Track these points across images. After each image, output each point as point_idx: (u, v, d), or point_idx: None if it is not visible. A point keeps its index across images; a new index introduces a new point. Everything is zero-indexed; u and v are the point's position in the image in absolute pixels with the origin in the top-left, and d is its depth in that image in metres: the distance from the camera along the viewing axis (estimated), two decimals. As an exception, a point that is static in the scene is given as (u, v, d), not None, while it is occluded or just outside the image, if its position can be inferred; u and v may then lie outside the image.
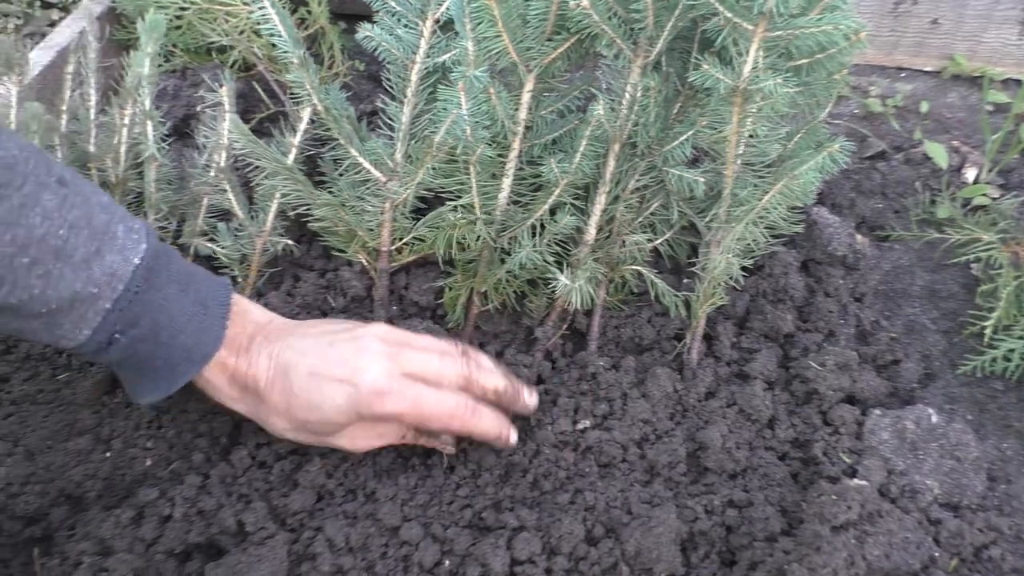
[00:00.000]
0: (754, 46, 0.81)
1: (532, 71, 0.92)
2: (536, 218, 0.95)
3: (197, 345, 0.79)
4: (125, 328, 0.74)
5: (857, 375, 0.98)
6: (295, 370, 0.81)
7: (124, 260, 0.73)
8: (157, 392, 0.80)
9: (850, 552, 0.78)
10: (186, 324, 0.77)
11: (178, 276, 0.78)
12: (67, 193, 0.71)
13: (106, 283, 0.72)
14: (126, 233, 0.74)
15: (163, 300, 0.76)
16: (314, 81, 0.93)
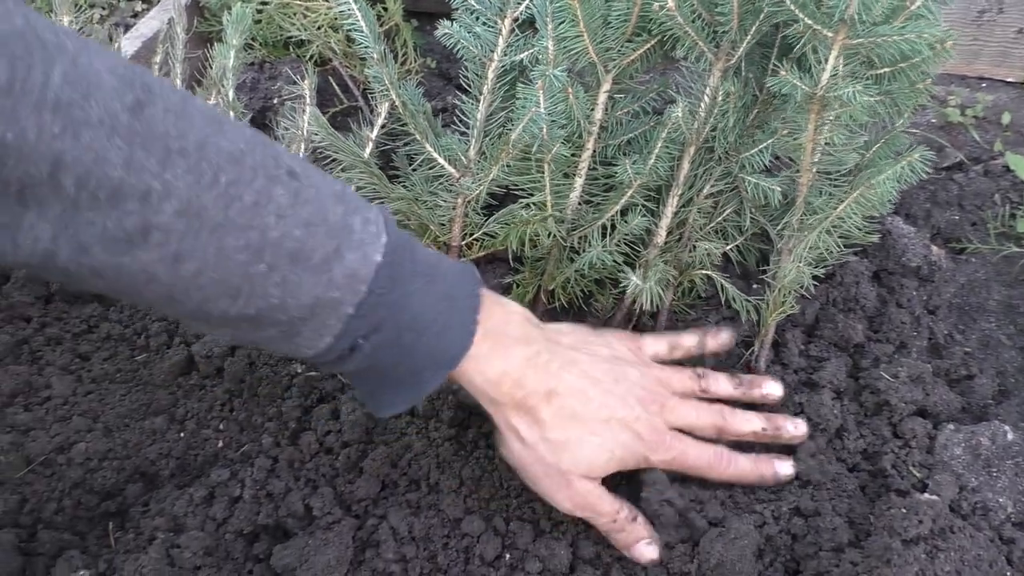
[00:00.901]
0: (833, 53, 0.80)
1: (610, 72, 0.92)
2: (607, 218, 0.95)
3: (445, 347, 0.71)
4: (369, 333, 0.66)
5: (930, 388, 0.96)
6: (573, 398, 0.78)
7: (364, 258, 0.64)
8: (400, 404, 0.73)
9: (921, 567, 0.76)
10: (431, 323, 0.69)
11: (423, 267, 0.70)
12: (299, 187, 0.62)
13: (347, 285, 0.64)
14: (363, 226, 0.65)
15: (407, 298, 0.67)
16: (393, 76, 0.95)
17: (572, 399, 0.78)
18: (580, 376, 0.79)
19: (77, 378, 0.98)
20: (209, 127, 0.58)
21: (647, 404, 0.82)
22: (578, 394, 0.78)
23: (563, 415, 0.77)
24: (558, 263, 0.99)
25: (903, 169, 0.88)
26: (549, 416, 0.77)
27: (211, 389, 0.97)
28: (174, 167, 0.55)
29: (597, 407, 0.78)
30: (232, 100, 1.05)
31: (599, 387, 0.80)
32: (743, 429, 0.88)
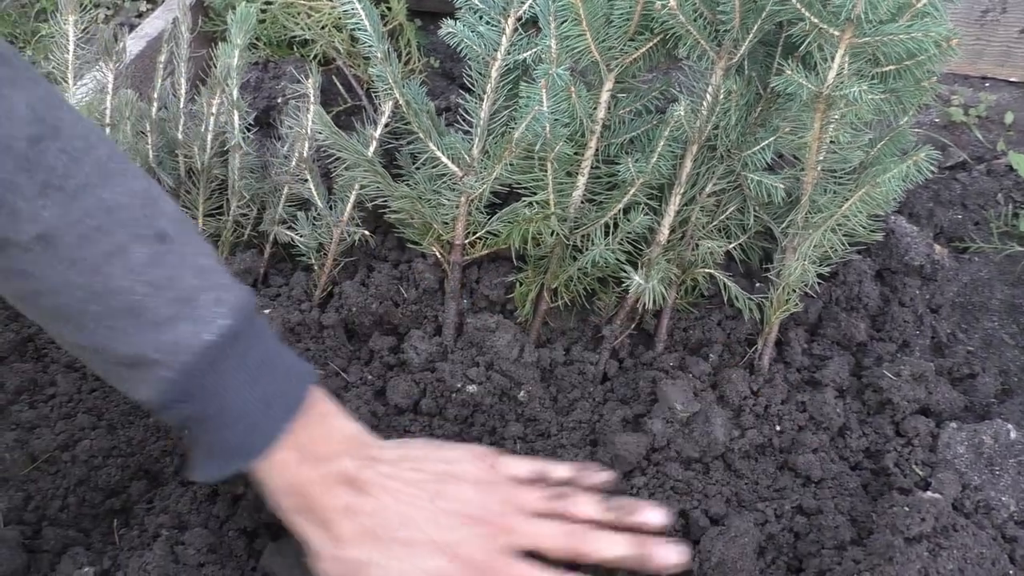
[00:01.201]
0: (840, 52, 0.81)
1: (613, 71, 0.92)
2: (610, 216, 0.95)
3: (244, 442, 0.70)
4: (181, 400, 0.67)
5: (932, 387, 0.96)
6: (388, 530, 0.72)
7: (194, 333, 0.66)
8: (204, 474, 0.71)
9: (924, 564, 0.77)
10: (239, 418, 0.69)
11: (252, 364, 0.70)
12: (164, 251, 0.66)
13: (171, 352, 0.65)
14: (212, 304, 0.67)
15: (222, 388, 0.68)
16: (396, 76, 0.95)
17: (374, 518, 0.72)
18: (390, 494, 0.73)
19: (82, 375, 0.98)
20: (97, 176, 0.64)
21: (477, 525, 0.73)
22: (382, 512, 0.72)
23: (362, 534, 0.71)
24: (561, 261, 0.99)
25: (909, 168, 0.88)
26: (346, 532, 0.71)
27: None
28: (46, 198, 0.61)
29: (399, 527, 0.72)
30: (236, 99, 1.05)
31: (410, 507, 0.73)
32: (603, 554, 0.75)
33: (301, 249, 1.06)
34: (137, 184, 0.67)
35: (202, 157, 1.08)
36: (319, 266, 1.06)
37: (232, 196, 1.08)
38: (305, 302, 1.04)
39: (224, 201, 1.10)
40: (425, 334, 1.01)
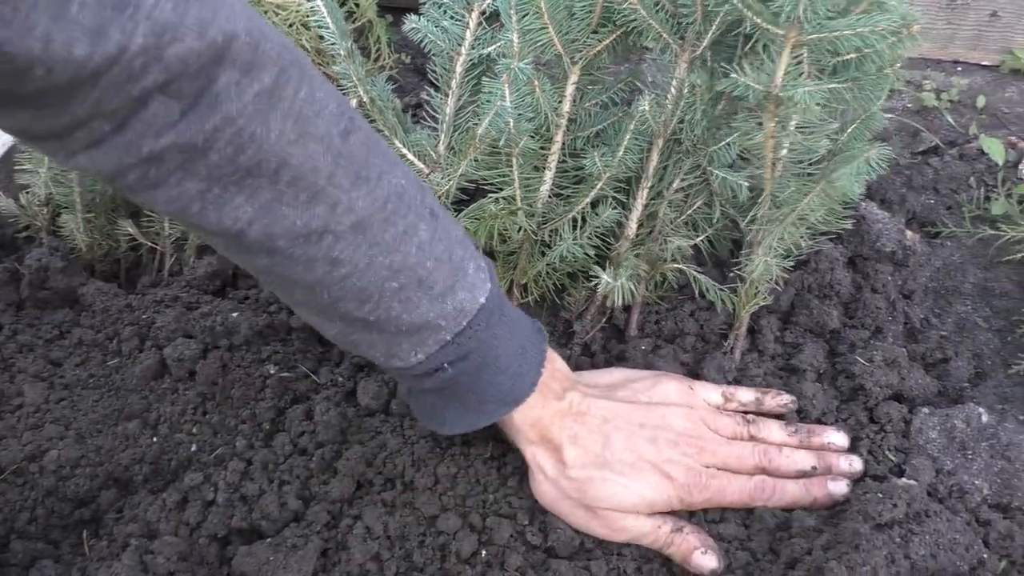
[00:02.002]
0: (786, 51, 0.79)
1: (577, 63, 0.91)
2: (578, 211, 0.95)
3: (513, 388, 0.80)
4: (455, 360, 0.76)
5: (905, 372, 0.96)
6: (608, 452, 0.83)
7: (472, 298, 0.75)
8: (461, 425, 0.81)
9: (891, 551, 0.76)
10: (508, 366, 0.79)
11: (509, 319, 0.80)
12: (437, 226, 0.74)
13: (453, 317, 0.74)
14: (475, 271, 0.76)
15: (495, 340, 0.77)
16: (360, 73, 0.94)
17: (596, 442, 0.83)
18: (606, 421, 0.84)
19: (49, 385, 0.97)
20: (385, 163, 0.70)
21: (682, 446, 0.85)
22: (602, 438, 0.83)
23: (586, 457, 0.82)
24: (529, 257, 0.98)
25: (861, 164, 0.86)
26: (572, 457, 0.82)
27: (184, 393, 0.96)
28: (359, 189, 0.67)
29: (622, 450, 0.83)
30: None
31: (625, 431, 0.84)
32: (789, 468, 0.88)
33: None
34: (405, 167, 0.74)
35: (167, 160, 1.06)
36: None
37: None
38: (274, 304, 1.03)
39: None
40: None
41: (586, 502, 0.82)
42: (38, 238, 1.12)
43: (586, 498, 0.82)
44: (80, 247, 1.08)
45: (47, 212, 1.10)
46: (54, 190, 1.06)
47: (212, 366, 0.96)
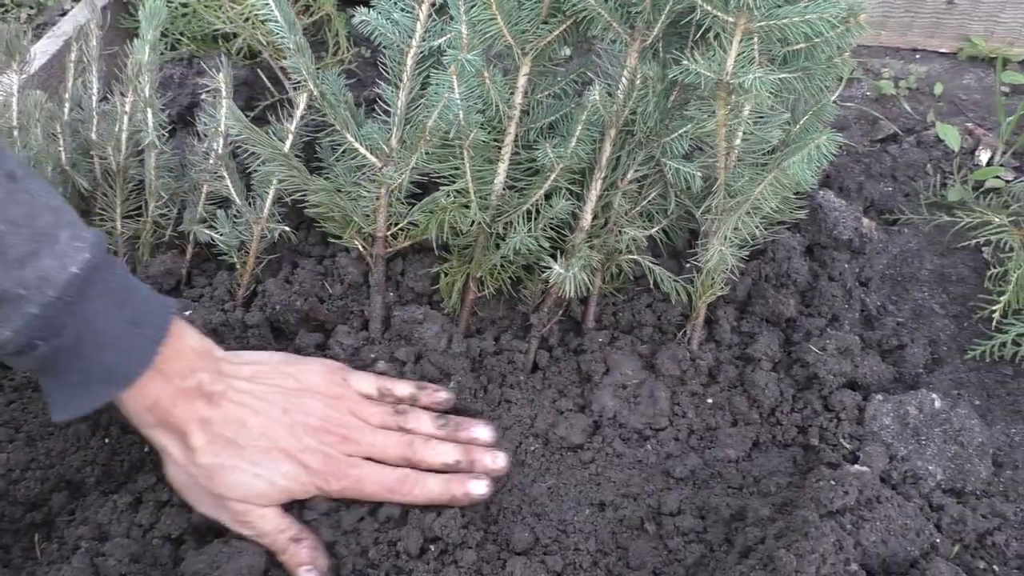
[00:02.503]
0: (736, 38, 0.79)
1: (528, 54, 0.91)
2: (532, 203, 0.94)
3: (122, 366, 0.74)
4: (48, 336, 0.69)
5: (859, 360, 0.97)
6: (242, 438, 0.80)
7: (61, 267, 0.68)
8: (70, 409, 0.74)
9: (839, 537, 0.77)
10: (113, 341, 0.72)
11: (116, 290, 0.73)
12: (14, 189, 0.67)
13: (36, 287, 0.67)
14: (69, 240, 0.70)
15: (93, 313, 0.71)
16: (310, 66, 0.93)
17: (229, 427, 0.79)
18: (242, 406, 0.80)
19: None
20: None
21: (322, 434, 0.83)
22: (236, 423, 0.79)
23: (217, 442, 0.78)
24: (484, 250, 0.98)
25: (812, 152, 0.86)
26: (201, 442, 0.78)
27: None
28: None
29: (256, 436, 0.80)
30: (149, 97, 1.02)
31: (262, 417, 0.81)
32: (434, 460, 0.86)
33: (222, 248, 1.04)
34: None
35: (117, 158, 1.05)
36: (241, 264, 1.04)
37: (150, 196, 1.05)
38: (228, 302, 1.02)
39: (143, 202, 1.07)
40: (351, 329, 1.00)
41: (216, 491, 0.79)
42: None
43: (215, 486, 0.79)
44: (31, 246, 1.06)
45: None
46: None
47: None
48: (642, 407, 0.95)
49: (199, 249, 1.08)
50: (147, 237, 1.07)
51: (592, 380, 0.97)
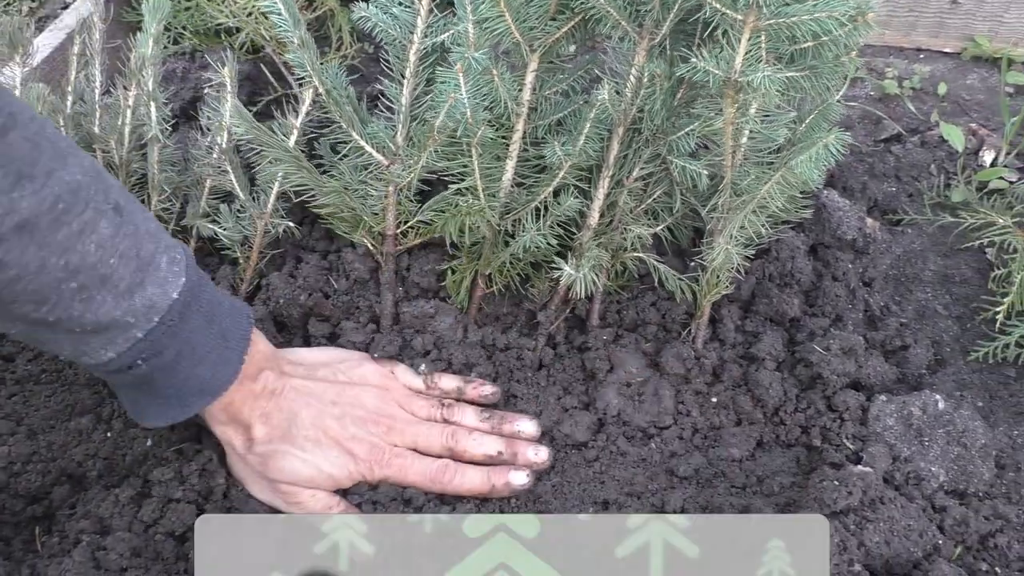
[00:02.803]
0: (745, 36, 0.79)
1: (536, 51, 0.90)
2: (540, 201, 0.94)
3: (214, 378, 0.80)
4: (150, 356, 0.74)
5: (863, 360, 0.97)
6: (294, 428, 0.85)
7: (163, 293, 0.73)
8: (164, 418, 0.80)
9: (843, 538, 0.77)
10: (206, 355, 0.78)
11: (207, 307, 0.78)
12: (121, 222, 0.71)
13: (143, 313, 0.72)
14: (168, 265, 0.74)
15: (190, 333, 0.76)
16: (315, 62, 0.92)
17: (284, 419, 0.85)
18: (297, 399, 0.86)
19: (0, 380, 0.95)
20: (56, 160, 0.66)
21: (369, 425, 0.88)
22: (290, 415, 0.85)
23: (273, 433, 0.84)
24: (493, 247, 0.98)
25: (820, 151, 0.86)
26: (260, 434, 0.84)
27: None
28: (22, 189, 0.63)
29: (308, 426, 0.85)
30: (152, 90, 1.02)
31: (315, 408, 0.86)
32: (476, 451, 0.90)
33: (226, 243, 1.03)
34: (86, 160, 0.70)
35: (120, 151, 1.04)
36: (244, 259, 1.03)
37: (152, 191, 1.05)
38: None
39: (145, 196, 1.06)
40: (358, 325, 1.00)
41: (269, 476, 0.84)
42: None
43: (268, 471, 0.84)
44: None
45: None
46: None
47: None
48: (646, 405, 0.95)
49: (202, 244, 1.08)
50: (150, 231, 1.06)
51: (596, 378, 0.97)
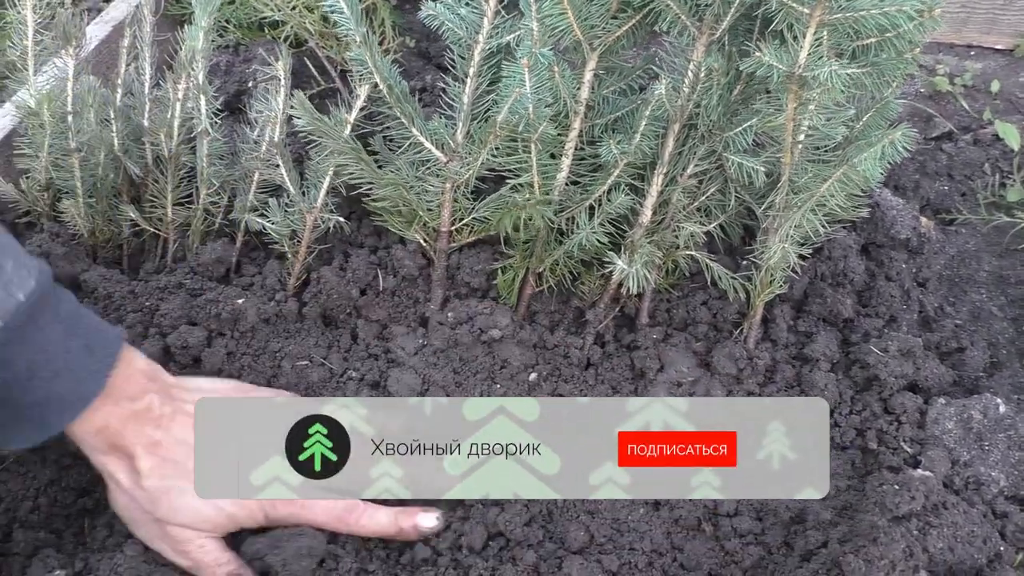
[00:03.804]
0: (810, 31, 0.78)
1: (596, 49, 0.89)
2: (595, 198, 0.93)
3: (75, 393, 0.73)
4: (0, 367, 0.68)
5: (920, 362, 0.95)
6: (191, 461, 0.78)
7: (7, 295, 0.67)
8: (26, 441, 0.73)
9: (909, 544, 0.75)
10: (65, 368, 0.71)
11: (67, 318, 0.73)
12: None
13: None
14: (15, 269, 0.69)
15: (44, 341, 0.70)
16: (376, 59, 0.92)
17: (177, 450, 0.77)
18: (190, 428, 0.78)
19: None
20: None
21: None
22: (184, 445, 0.78)
23: (164, 465, 0.77)
24: (546, 245, 0.97)
25: (886, 147, 0.85)
26: (148, 465, 0.76)
27: (189, 381, 0.94)
28: None
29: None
30: (203, 84, 1.02)
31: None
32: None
33: (274, 237, 1.03)
34: None
35: (169, 144, 1.04)
36: (293, 254, 1.03)
37: (201, 184, 1.05)
38: (280, 291, 1.01)
39: (193, 189, 1.06)
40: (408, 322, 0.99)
41: (159, 514, 0.77)
42: (39, 224, 1.10)
43: (159, 509, 0.77)
44: (82, 233, 1.06)
45: (48, 197, 1.08)
46: (55, 175, 1.04)
47: (218, 354, 0.94)
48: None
49: (248, 238, 1.08)
50: (197, 224, 1.06)
51: (646, 377, 0.96)
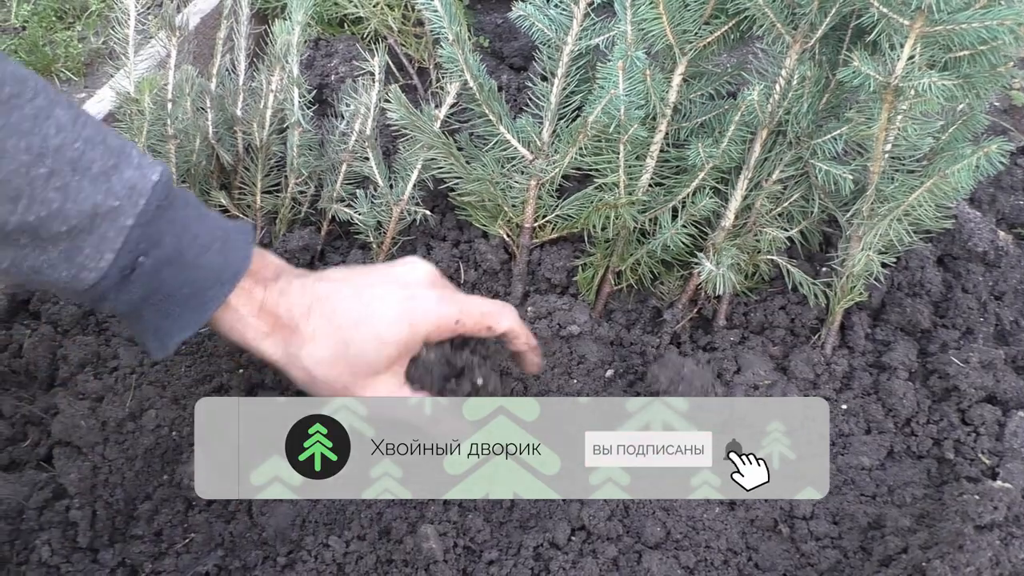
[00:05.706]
0: (910, 41, 0.79)
1: (686, 54, 0.91)
2: (679, 200, 0.95)
3: (226, 263, 0.73)
4: (149, 248, 0.69)
5: (1000, 375, 0.96)
6: (337, 293, 0.77)
7: (142, 176, 0.68)
8: (187, 328, 0.73)
9: (995, 552, 0.76)
10: (211, 242, 0.72)
11: (196, 203, 0.74)
12: (78, 113, 0.67)
13: (126, 196, 0.67)
14: (140, 155, 0.70)
15: (185, 218, 0.71)
16: (468, 58, 0.94)
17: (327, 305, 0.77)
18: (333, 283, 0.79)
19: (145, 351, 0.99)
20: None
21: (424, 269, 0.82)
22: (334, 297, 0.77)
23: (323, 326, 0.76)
24: (627, 244, 0.99)
25: (980, 159, 0.85)
26: (310, 330, 0.76)
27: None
28: None
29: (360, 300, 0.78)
30: (296, 76, 1.05)
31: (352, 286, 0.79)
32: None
33: (359, 227, 1.06)
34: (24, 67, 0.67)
35: (260, 134, 1.07)
36: (377, 244, 1.06)
37: (290, 173, 1.08)
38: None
39: (282, 178, 1.10)
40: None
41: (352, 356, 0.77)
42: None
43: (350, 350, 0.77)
44: (172, 217, 1.09)
45: (140, 181, 1.12)
46: (150, 159, 1.08)
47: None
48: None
49: (333, 227, 1.11)
50: (285, 213, 1.09)
51: (723, 378, 0.97)
